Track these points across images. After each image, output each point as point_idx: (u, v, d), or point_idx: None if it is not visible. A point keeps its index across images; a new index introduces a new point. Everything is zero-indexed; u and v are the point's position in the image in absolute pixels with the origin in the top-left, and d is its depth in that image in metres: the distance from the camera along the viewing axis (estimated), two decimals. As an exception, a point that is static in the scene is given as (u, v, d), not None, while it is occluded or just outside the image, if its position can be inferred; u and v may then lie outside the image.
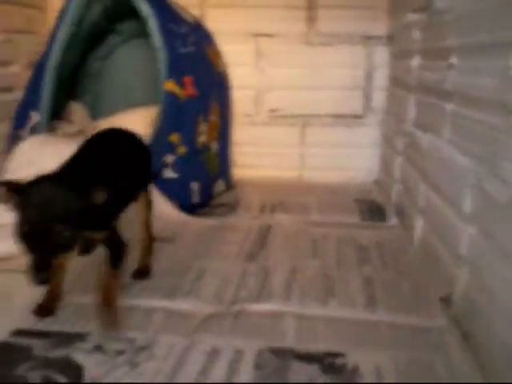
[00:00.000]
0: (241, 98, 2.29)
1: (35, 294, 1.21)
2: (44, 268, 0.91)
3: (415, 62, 1.67)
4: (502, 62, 0.97)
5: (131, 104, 2.30)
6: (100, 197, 0.97)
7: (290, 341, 1.05)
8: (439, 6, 1.42)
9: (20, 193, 0.95)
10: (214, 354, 0.99)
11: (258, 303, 1.19)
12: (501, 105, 0.96)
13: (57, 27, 1.87)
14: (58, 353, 0.99)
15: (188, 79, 1.79)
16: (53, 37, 1.87)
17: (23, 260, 1.38)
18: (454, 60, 1.27)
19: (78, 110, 2.17)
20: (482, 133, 1.06)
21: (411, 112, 1.70)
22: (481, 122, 1.08)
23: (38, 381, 0.90)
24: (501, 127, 0.97)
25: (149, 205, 1.35)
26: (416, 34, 1.68)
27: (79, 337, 1.04)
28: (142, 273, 1.33)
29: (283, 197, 2.04)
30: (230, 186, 2.17)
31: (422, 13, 1.62)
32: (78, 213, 0.95)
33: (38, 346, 1.01)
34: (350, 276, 1.35)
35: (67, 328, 1.08)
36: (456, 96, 1.26)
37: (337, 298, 1.23)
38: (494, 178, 0.98)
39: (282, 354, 1.00)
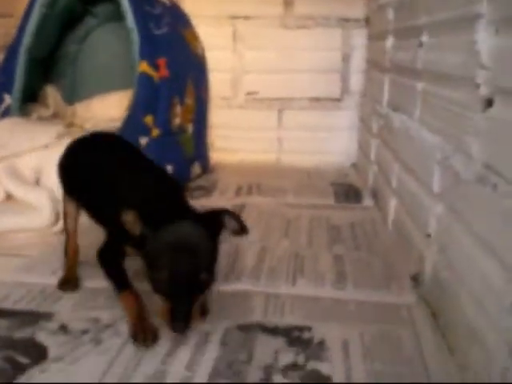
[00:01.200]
0: (218, 81, 2.27)
1: (7, 277, 1.21)
2: (187, 318, 0.90)
3: (389, 42, 1.67)
4: (467, 37, 0.96)
5: (108, 87, 2.28)
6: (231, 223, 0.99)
7: (256, 317, 1.05)
8: (411, -15, 1.42)
9: (154, 229, 0.92)
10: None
11: (227, 284, 1.18)
12: (466, 80, 0.96)
13: (29, 9, 1.85)
14: (22, 333, 0.98)
15: (162, 61, 1.77)
16: (25, 19, 1.86)
17: None
18: (424, 38, 1.27)
19: (52, 94, 2.14)
20: (449, 109, 1.06)
21: (385, 93, 1.70)
22: (448, 98, 1.08)
23: (1, 362, 0.89)
24: (467, 103, 0.96)
25: None
26: (390, 15, 1.67)
27: (45, 317, 1.03)
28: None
29: (260, 180, 2.04)
30: (206, 169, 2.17)
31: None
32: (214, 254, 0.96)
33: (3, 326, 1.00)
34: (320, 255, 1.35)
35: (33, 307, 1.08)
36: (426, 74, 1.26)
37: (306, 276, 1.23)
38: (460, 154, 0.98)
39: (248, 329, 1.00)
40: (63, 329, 0.99)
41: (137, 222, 0.93)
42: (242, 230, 1.01)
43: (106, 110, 2.20)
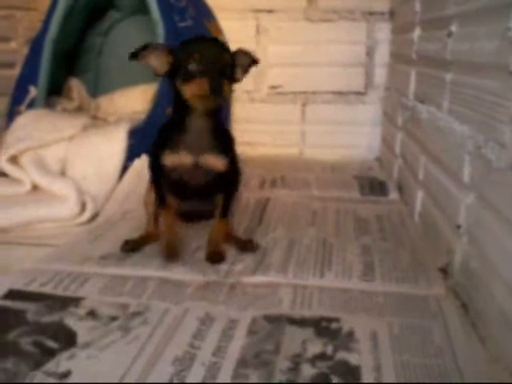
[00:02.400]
0: (241, 75, 2.26)
1: (27, 262, 1.22)
2: (219, 90, 1.10)
3: (416, 34, 1.66)
4: (500, 25, 0.95)
5: (131, 81, 2.29)
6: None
7: (284, 308, 1.04)
8: (439, -25, 1.40)
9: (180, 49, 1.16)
10: (207, 320, 0.98)
11: (254, 276, 1.17)
12: (500, 67, 0.94)
13: (54, 1, 1.86)
14: (50, 318, 0.98)
15: (187, 53, 1.77)
16: (50, 11, 1.86)
17: (17, 232, 1.40)
18: (453, 28, 1.25)
19: (76, 87, 2.15)
20: (481, 98, 1.05)
21: (412, 86, 1.68)
22: (479, 87, 1.07)
23: (30, 346, 0.89)
24: (499, 90, 0.95)
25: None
26: (416, 6, 1.66)
27: (73, 301, 1.04)
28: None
29: (283, 173, 2.03)
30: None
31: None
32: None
33: (32, 311, 1.00)
34: (348, 245, 1.34)
35: (60, 291, 1.08)
36: (455, 64, 1.24)
37: (333, 267, 1.21)
38: (493, 143, 0.97)
39: (275, 320, 0.99)
40: (92, 314, 0.99)
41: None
42: (253, 62, 1.24)
43: (130, 104, 2.21)
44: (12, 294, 1.06)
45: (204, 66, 1.10)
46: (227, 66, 1.15)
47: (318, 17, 2.26)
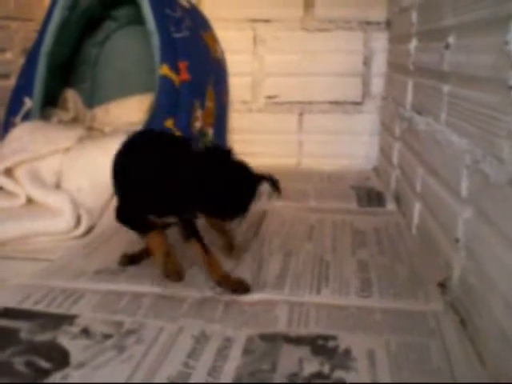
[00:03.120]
0: (237, 85, 2.26)
1: (20, 277, 1.21)
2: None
3: (412, 45, 1.65)
4: (499, 38, 0.94)
5: (127, 91, 2.29)
6: None
7: (280, 326, 1.03)
8: (437, -14, 1.40)
9: None
10: (202, 338, 0.97)
11: (250, 293, 1.16)
12: (498, 82, 0.94)
13: (49, 12, 1.85)
14: (43, 337, 0.96)
15: (183, 64, 1.76)
16: (45, 22, 1.85)
17: (12, 246, 1.39)
18: (450, 40, 1.25)
19: (72, 98, 2.14)
20: (479, 112, 1.04)
21: (409, 96, 1.67)
22: (477, 101, 1.06)
23: (23, 366, 0.88)
24: (497, 105, 0.94)
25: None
26: (413, 17, 1.65)
27: (67, 319, 1.02)
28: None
29: (281, 184, 2.01)
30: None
31: (419, -5, 1.60)
32: None
33: (25, 329, 0.98)
34: (345, 260, 1.33)
35: (54, 309, 1.07)
36: (453, 76, 1.23)
37: (330, 283, 1.20)
38: (491, 157, 0.96)
39: (271, 338, 0.98)
40: (85, 332, 0.98)
41: None
42: None
43: (125, 114, 2.21)
44: (6, 313, 1.05)
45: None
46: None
47: (314, 26, 2.26)
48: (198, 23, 2.01)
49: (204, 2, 2.25)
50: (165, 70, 1.72)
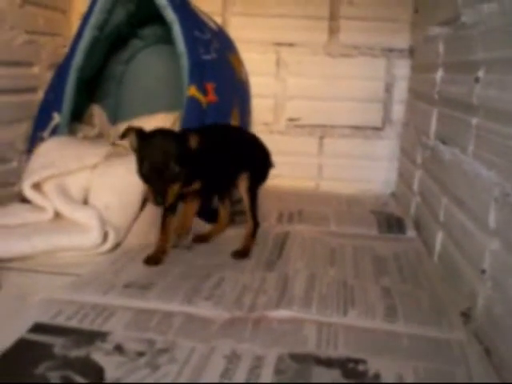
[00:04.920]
0: (259, 107, 2.29)
1: (50, 292, 1.23)
2: (162, 192, 1.28)
3: (438, 75, 1.67)
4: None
5: (151, 109, 2.31)
6: (194, 141, 1.33)
7: (310, 347, 1.04)
8: (466, 20, 1.42)
9: (142, 139, 1.34)
10: (234, 358, 0.98)
11: (277, 310, 1.18)
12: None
13: (80, 30, 1.87)
14: (78, 352, 0.98)
15: (210, 86, 1.79)
16: (76, 39, 1.88)
17: (39, 260, 1.41)
18: (480, 74, 1.27)
19: (98, 113, 2.17)
20: (509, 146, 1.06)
21: (433, 125, 1.69)
22: (508, 135, 1.08)
23: (59, 381, 0.90)
24: (530, 141, 0.96)
25: (249, 192, 1.58)
26: (440, 47, 1.67)
27: (99, 336, 1.04)
28: (241, 253, 1.52)
29: (300, 206, 2.04)
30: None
31: (446, 26, 1.62)
32: (183, 154, 1.31)
33: (59, 345, 1.00)
34: (368, 286, 1.34)
35: (86, 325, 1.08)
36: (482, 110, 1.25)
37: (356, 306, 1.22)
38: (521, 192, 0.98)
39: (302, 359, 0.99)
40: (119, 349, 1.00)
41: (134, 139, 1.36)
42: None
43: (149, 131, 2.22)
44: (38, 328, 1.07)
45: (151, 174, 1.30)
46: (173, 172, 1.29)
47: (338, 52, 2.29)
48: (225, 45, 2.04)
49: (230, 24, 2.28)
50: (193, 91, 1.75)
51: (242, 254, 1.52)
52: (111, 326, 1.08)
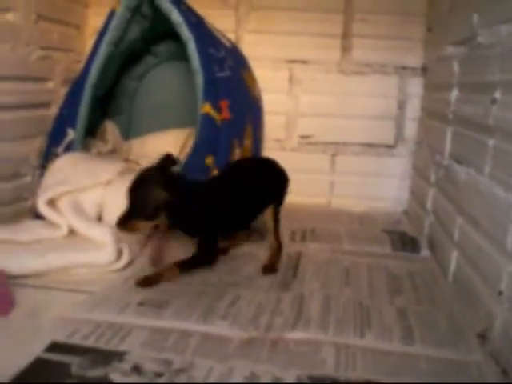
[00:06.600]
0: (271, 123, 2.30)
1: (65, 309, 1.23)
2: (123, 226, 1.34)
3: (453, 94, 1.67)
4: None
5: (163, 125, 2.32)
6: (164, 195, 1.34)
7: (329, 369, 1.04)
8: (482, 41, 1.42)
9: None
10: (253, 379, 0.98)
11: (294, 331, 1.18)
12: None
13: (96, 46, 1.89)
14: (95, 372, 0.98)
15: (224, 103, 1.79)
16: (91, 56, 1.89)
17: (53, 277, 1.41)
18: (497, 95, 1.27)
19: (111, 129, 2.18)
20: (528, 169, 1.06)
21: (448, 144, 1.69)
22: (527, 157, 1.08)
23: (77, 400, 0.90)
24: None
25: (274, 218, 1.63)
26: (455, 67, 1.67)
27: (116, 355, 1.04)
28: (270, 268, 1.55)
29: (313, 224, 2.03)
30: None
31: (461, 46, 1.62)
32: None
33: (76, 364, 1.00)
34: (383, 307, 1.34)
35: (103, 345, 1.08)
36: (499, 131, 1.25)
37: (373, 328, 1.21)
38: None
39: (321, 381, 0.99)
40: (136, 370, 0.99)
41: None
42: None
43: (161, 148, 2.22)
44: (55, 347, 1.07)
45: (127, 204, 1.34)
46: (145, 206, 1.34)
47: (351, 69, 2.29)
48: (239, 62, 2.05)
49: (243, 41, 2.29)
50: (207, 108, 1.76)
51: (271, 269, 1.55)
52: (128, 345, 1.08)
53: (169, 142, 2.25)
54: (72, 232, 1.57)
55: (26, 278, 1.40)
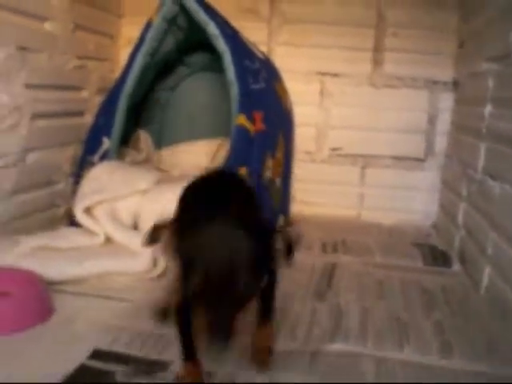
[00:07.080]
0: (302, 135, 2.31)
1: (105, 316, 1.24)
2: (226, 328, 0.81)
3: (487, 109, 1.67)
4: None
5: (193, 135, 2.35)
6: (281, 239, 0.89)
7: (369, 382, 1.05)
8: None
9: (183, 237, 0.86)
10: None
11: (333, 343, 1.19)
12: None
13: (132, 57, 1.91)
14: (140, 381, 0.99)
15: (258, 115, 1.81)
16: (128, 66, 1.92)
17: (91, 283, 1.43)
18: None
19: (144, 138, 2.21)
20: None
21: (481, 160, 1.69)
22: None
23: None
24: None
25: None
26: (489, 82, 1.68)
27: (160, 365, 1.05)
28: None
29: (343, 236, 2.05)
30: (288, 222, 2.18)
31: (496, 62, 1.63)
32: (260, 258, 0.84)
33: (120, 373, 1.02)
34: (420, 321, 1.35)
35: (145, 354, 1.10)
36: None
37: (411, 342, 1.22)
38: None
39: (364, 395, 1.00)
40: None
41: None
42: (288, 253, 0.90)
43: (192, 157, 2.26)
44: (98, 354, 1.09)
45: (209, 292, 0.81)
46: (243, 292, 0.82)
47: (382, 83, 2.30)
48: (271, 74, 2.07)
49: (275, 54, 2.31)
50: (241, 119, 1.77)
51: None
52: (170, 355, 1.09)
53: (200, 152, 2.28)
54: (108, 240, 1.59)
55: (64, 284, 1.42)
